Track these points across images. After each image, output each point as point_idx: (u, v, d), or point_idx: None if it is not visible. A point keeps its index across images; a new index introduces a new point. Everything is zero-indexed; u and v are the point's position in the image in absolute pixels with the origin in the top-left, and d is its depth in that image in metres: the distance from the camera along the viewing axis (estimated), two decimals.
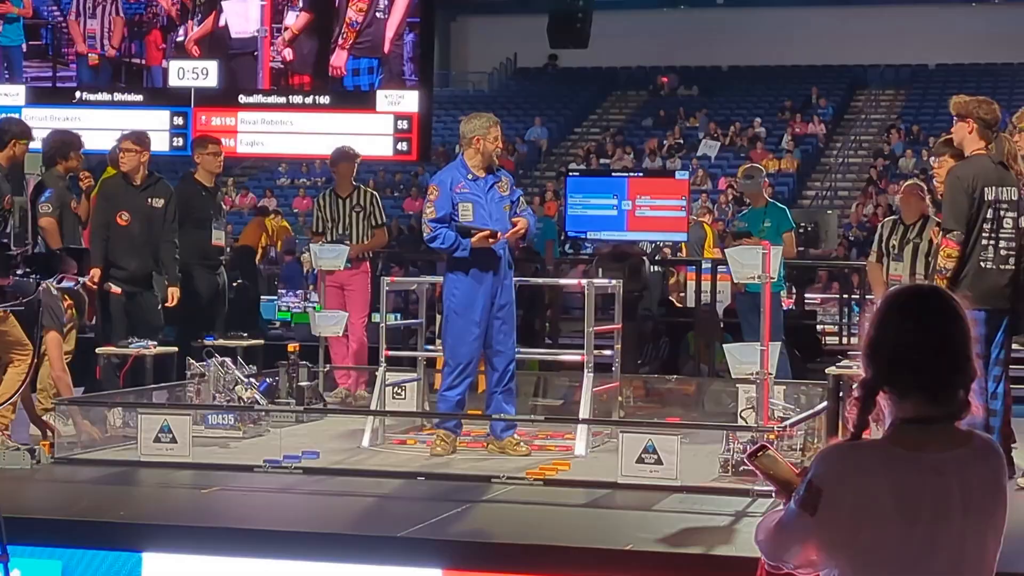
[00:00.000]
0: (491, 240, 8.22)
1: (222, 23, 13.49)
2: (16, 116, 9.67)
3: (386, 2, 13.10)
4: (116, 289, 9.56)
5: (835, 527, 2.75)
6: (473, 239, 8.22)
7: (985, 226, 7.41)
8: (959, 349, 2.79)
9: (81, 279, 4.59)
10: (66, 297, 8.39)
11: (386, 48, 13.12)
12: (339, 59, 13.16)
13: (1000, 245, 7.44)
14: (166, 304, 9.73)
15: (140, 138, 9.87)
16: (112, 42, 13.81)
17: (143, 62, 13.84)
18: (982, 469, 2.79)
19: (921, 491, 2.73)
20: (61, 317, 8.36)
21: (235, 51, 13.55)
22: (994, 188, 7.41)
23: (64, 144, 9.30)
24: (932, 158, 8.64)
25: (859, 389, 2.83)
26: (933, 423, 2.78)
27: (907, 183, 10.28)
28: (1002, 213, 7.44)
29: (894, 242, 9.59)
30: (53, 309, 8.13)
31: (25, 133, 8.88)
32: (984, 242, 7.42)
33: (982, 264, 7.42)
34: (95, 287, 9.38)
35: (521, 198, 8.75)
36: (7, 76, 14.00)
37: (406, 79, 13.19)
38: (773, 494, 3.00)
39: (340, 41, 13.15)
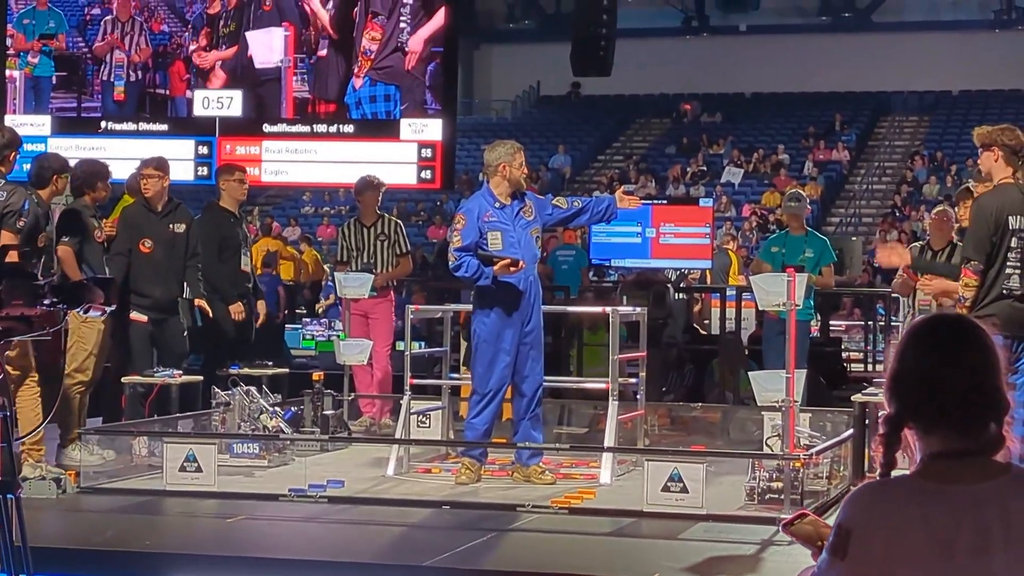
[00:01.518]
0: (513, 268, 8.22)
1: (246, 53, 13.53)
2: (54, 152, 9.65)
3: (409, 31, 13.13)
4: (141, 318, 9.58)
5: (867, 568, 2.60)
6: (495, 267, 8.23)
7: (1010, 255, 7.29)
8: (986, 379, 2.64)
9: (108, 308, 4.58)
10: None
11: (410, 76, 13.14)
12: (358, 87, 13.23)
13: None
14: (199, 308, 9.75)
15: (161, 163, 9.88)
16: (139, 56, 13.88)
17: (167, 92, 13.90)
18: (1022, 501, 2.60)
19: (956, 525, 2.57)
20: None
21: (261, 78, 13.58)
22: (1019, 217, 7.31)
23: (92, 175, 9.29)
24: (956, 204, 8.53)
25: (883, 425, 2.69)
26: (965, 457, 2.62)
27: (936, 209, 10.26)
28: None
29: None
30: None
31: (65, 168, 8.89)
32: (1009, 271, 7.30)
33: (1005, 292, 7.31)
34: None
35: (558, 199, 8.79)
36: (34, 105, 14.07)
37: (429, 107, 13.20)
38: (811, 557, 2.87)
39: (355, 70, 13.19)
